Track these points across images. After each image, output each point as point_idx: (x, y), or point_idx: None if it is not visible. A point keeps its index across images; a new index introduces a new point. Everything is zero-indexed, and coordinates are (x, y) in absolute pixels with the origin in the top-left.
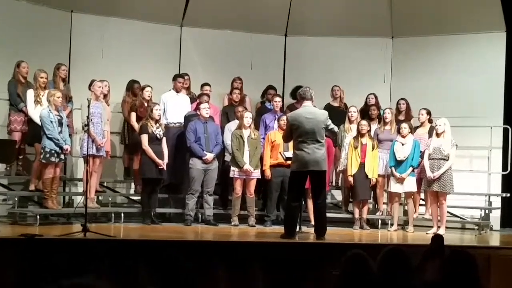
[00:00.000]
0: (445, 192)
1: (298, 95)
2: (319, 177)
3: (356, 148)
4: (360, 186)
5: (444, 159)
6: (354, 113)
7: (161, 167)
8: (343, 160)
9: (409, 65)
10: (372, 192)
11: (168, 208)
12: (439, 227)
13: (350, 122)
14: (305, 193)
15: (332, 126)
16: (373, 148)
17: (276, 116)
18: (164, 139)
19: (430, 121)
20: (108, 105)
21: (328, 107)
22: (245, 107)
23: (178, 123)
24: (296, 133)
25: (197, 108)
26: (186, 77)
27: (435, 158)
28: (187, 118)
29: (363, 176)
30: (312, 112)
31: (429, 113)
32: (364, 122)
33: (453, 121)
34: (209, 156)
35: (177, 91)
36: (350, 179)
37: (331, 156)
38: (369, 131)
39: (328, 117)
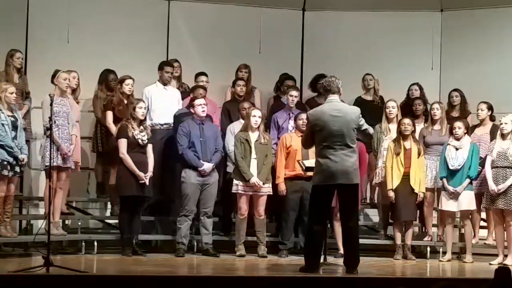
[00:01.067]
0: None
1: (320, 87)
2: (350, 193)
3: (397, 154)
4: (402, 203)
5: (511, 168)
6: (393, 109)
7: (143, 181)
8: (380, 170)
9: (464, 46)
10: (419, 212)
11: (154, 235)
12: (506, 255)
13: (389, 120)
14: (331, 213)
15: (366, 126)
16: (419, 154)
17: (291, 115)
18: (149, 146)
19: (492, 118)
20: (77, 103)
21: (359, 102)
22: (252, 103)
23: (166, 124)
24: (320, 136)
25: (191, 104)
26: (175, 65)
27: (499, 166)
28: (178, 118)
29: (406, 190)
30: (340, 108)
31: (490, 108)
32: (406, 121)
33: None
34: (207, 166)
35: (165, 83)
36: (390, 194)
37: (364, 166)
38: (413, 132)
39: (360, 115)
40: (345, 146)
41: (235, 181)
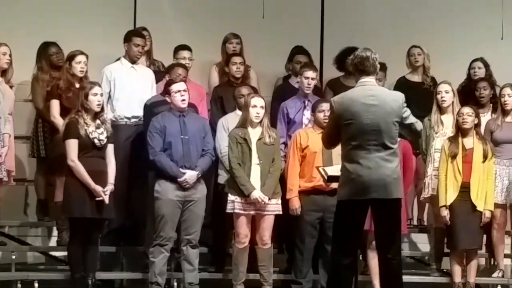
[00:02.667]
0: None
1: (350, 64)
2: (389, 212)
3: (453, 157)
4: (462, 226)
5: None
6: (447, 94)
7: (101, 198)
8: (430, 180)
9: None
10: (485, 237)
11: (118, 272)
12: None
13: (442, 111)
14: (363, 240)
15: (412, 119)
16: (485, 158)
17: (307, 103)
18: (110, 148)
19: None
20: (10, 87)
21: (403, 84)
22: (253, 88)
23: (134, 117)
24: (347, 132)
25: (166, 90)
26: (146, 35)
27: None
28: (150, 109)
29: (466, 208)
30: (376, 94)
31: None
32: (466, 110)
33: None
34: (189, 176)
35: (133, 61)
36: (444, 213)
37: (410, 174)
38: (477, 126)
39: (405, 103)
40: (382, 146)
41: (230, 197)
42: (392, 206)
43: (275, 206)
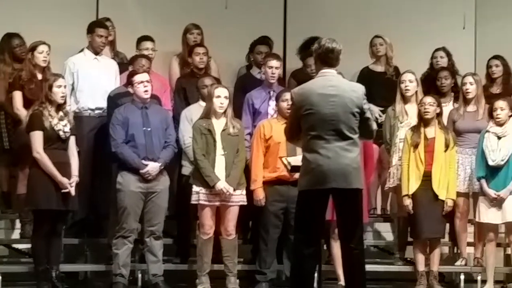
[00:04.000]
0: None
1: (313, 52)
2: (350, 201)
3: (415, 146)
4: (425, 215)
5: None
6: (410, 83)
7: (67, 190)
8: (395, 170)
9: None
10: (448, 226)
11: (82, 264)
12: None
13: (405, 100)
14: (326, 230)
15: (369, 115)
16: (446, 147)
17: (272, 93)
18: (72, 140)
19: None
20: None
21: (365, 74)
22: (215, 78)
23: (98, 109)
24: (307, 122)
25: (130, 81)
26: (109, 26)
27: None
28: (113, 100)
29: (430, 196)
30: (336, 85)
31: None
32: (428, 100)
33: None
34: (152, 167)
35: (97, 52)
36: (408, 202)
37: (372, 163)
38: (438, 115)
39: (365, 94)
40: (341, 136)
41: (195, 188)
42: (353, 196)
43: (239, 197)
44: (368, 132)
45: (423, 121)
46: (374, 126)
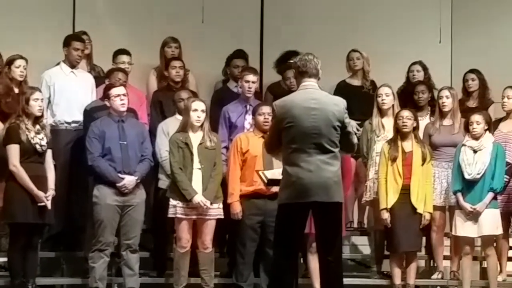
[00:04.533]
0: None
1: (293, 67)
2: (330, 215)
3: (393, 160)
4: (402, 229)
5: None
6: (387, 97)
7: (43, 203)
8: (371, 183)
9: (484, 10)
10: (425, 239)
11: (58, 277)
12: None
13: (382, 114)
14: (304, 243)
15: (351, 129)
16: (423, 160)
17: (248, 107)
18: (49, 153)
19: None
20: None
21: (342, 88)
22: (192, 92)
23: (75, 123)
24: (288, 135)
25: (106, 95)
26: (86, 40)
27: None
28: (90, 114)
29: (406, 210)
30: (318, 98)
31: None
32: (406, 113)
33: None
34: (128, 181)
35: (73, 65)
36: (384, 216)
37: (349, 177)
38: (415, 129)
39: (346, 108)
40: (323, 150)
41: (171, 201)
42: (333, 209)
43: (216, 211)
44: (349, 145)
45: (400, 134)
46: (355, 140)
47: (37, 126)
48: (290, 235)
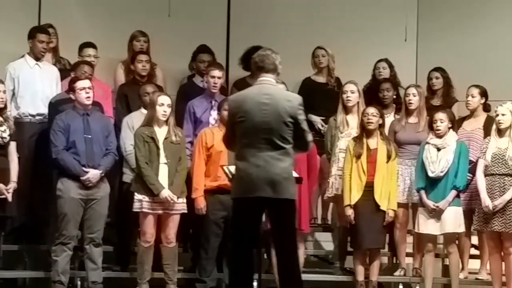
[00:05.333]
0: None
1: (251, 63)
2: (281, 212)
3: (358, 157)
4: (365, 225)
5: (511, 175)
6: (352, 94)
7: (4, 196)
8: (334, 179)
9: (449, 9)
10: (388, 236)
11: (20, 271)
12: None
13: (347, 111)
14: (267, 238)
15: (305, 127)
16: (388, 158)
17: (214, 103)
18: (12, 145)
19: (486, 108)
20: None
21: (307, 85)
22: (158, 86)
23: (39, 115)
24: (240, 130)
25: (72, 87)
26: (51, 32)
27: (495, 174)
28: (55, 107)
29: (370, 207)
30: (272, 93)
31: (484, 94)
32: (371, 111)
33: None
34: (92, 174)
35: (38, 58)
36: (350, 212)
37: (315, 172)
38: (381, 126)
39: (301, 106)
40: (273, 145)
41: (137, 196)
42: (283, 206)
43: (181, 205)
44: (303, 143)
45: (365, 131)
46: (310, 138)
47: (0, 118)
48: (243, 230)
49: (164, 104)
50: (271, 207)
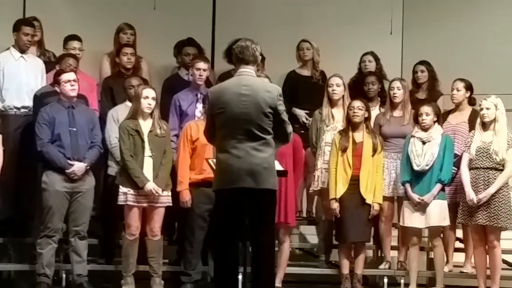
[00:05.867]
0: (499, 227)
1: (233, 54)
2: (259, 202)
3: (344, 150)
4: (351, 219)
5: (496, 169)
6: (338, 87)
7: None
8: (320, 173)
9: (434, 6)
10: (373, 230)
11: (5, 263)
12: (488, 287)
13: (332, 104)
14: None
15: (285, 117)
16: (374, 151)
17: (199, 96)
18: None
19: (471, 101)
20: None
21: (292, 78)
22: (143, 79)
23: (24, 108)
24: (219, 121)
25: (57, 80)
26: (36, 25)
27: (480, 168)
28: (40, 99)
29: (356, 201)
30: (251, 84)
31: (469, 87)
32: (358, 104)
33: (509, 102)
34: (78, 167)
35: (23, 50)
36: (334, 206)
37: (300, 166)
38: (367, 119)
39: (280, 97)
40: (253, 136)
41: (122, 189)
42: (262, 196)
43: (166, 198)
44: (283, 134)
45: (351, 125)
46: (290, 129)
47: None
48: (226, 221)
49: (148, 97)
50: (251, 197)
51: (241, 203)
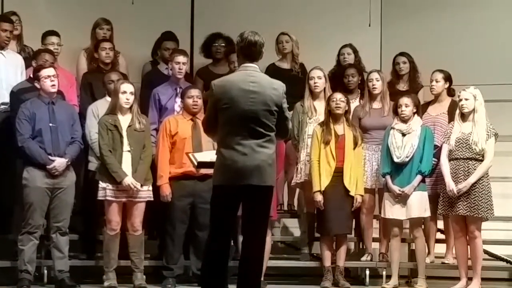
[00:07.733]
0: (479, 217)
1: (236, 45)
2: (261, 198)
3: (326, 143)
4: (334, 211)
5: (476, 159)
6: (319, 80)
7: None
8: (303, 165)
9: None
10: (354, 222)
11: None
12: (470, 279)
13: (314, 96)
14: (235, 225)
15: (288, 114)
16: (355, 144)
17: (178, 90)
18: None
19: (451, 92)
20: None
21: (271, 71)
22: (122, 73)
23: (3, 104)
24: (225, 117)
25: (36, 76)
26: (15, 20)
27: (459, 158)
28: (17, 96)
29: (339, 193)
30: (258, 81)
31: (448, 79)
32: (339, 96)
33: (488, 92)
34: (59, 163)
35: (2, 47)
36: (318, 198)
37: (281, 159)
38: (347, 112)
39: (285, 92)
40: (258, 133)
41: (101, 184)
42: (265, 193)
43: (146, 193)
44: (285, 131)
45: (332, 117)
46: (290, 125)
47: None
48: (223, 217)
49: (126, 92)
50: (253, 194)
51: (241, 199)
